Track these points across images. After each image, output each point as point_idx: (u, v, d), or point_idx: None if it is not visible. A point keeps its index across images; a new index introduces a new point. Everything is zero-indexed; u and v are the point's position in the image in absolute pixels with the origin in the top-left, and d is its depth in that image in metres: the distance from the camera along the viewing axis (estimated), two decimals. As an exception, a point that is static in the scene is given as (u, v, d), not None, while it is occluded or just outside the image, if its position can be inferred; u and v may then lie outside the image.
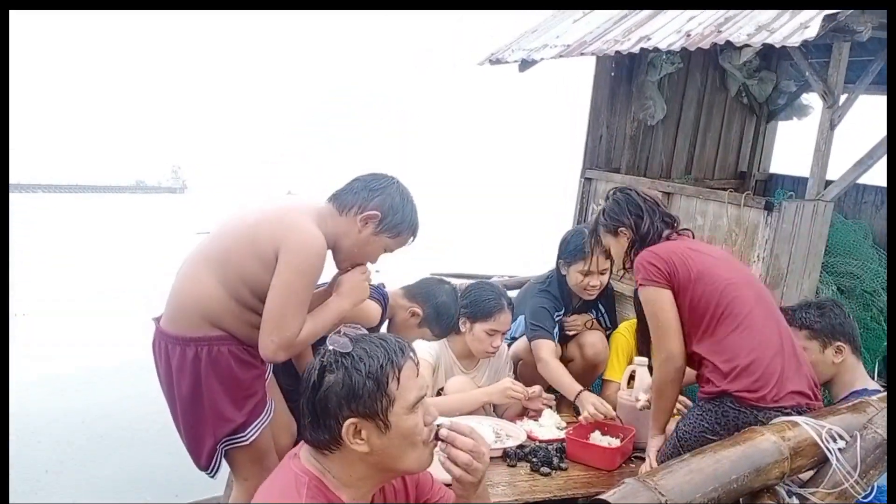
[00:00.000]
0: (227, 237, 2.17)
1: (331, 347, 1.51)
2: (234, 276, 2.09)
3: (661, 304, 2.47)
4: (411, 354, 1.55)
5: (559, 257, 3.62)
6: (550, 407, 3.25)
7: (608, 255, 3.50)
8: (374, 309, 2.74)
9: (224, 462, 2.26)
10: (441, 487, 1.79)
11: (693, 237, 2.72)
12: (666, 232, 2.62)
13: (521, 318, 3.64)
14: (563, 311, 3.62)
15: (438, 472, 1.70)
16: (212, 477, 2.30)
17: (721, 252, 2.72)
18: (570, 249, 3.55)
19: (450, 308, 2.98)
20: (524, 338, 3.55)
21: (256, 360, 2.22)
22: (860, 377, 2.71)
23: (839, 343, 2.70)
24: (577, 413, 3.18)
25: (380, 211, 2.19)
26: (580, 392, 3.19)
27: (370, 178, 2.26)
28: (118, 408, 5.13)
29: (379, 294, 2.83)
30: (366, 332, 1.59)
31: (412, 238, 2.32)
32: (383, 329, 2.96)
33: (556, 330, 3.55)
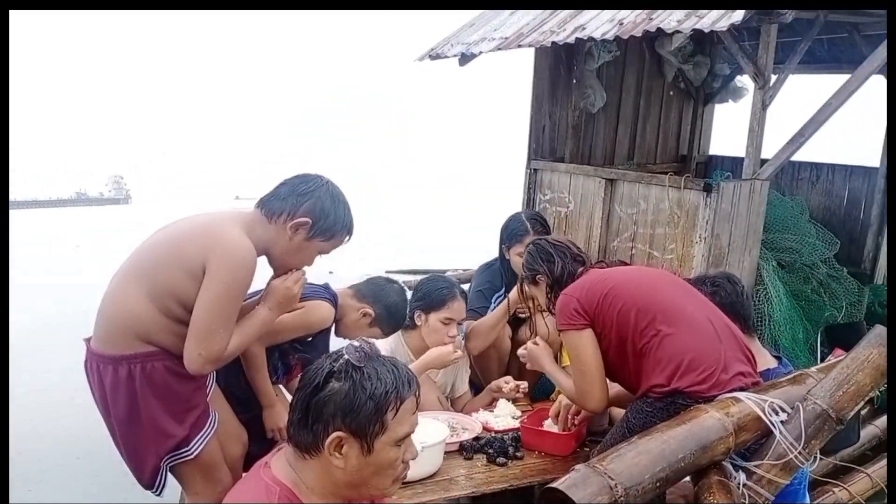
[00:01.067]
0: (154, 251, 2.13)
1: (346, 357, 1.50)
2: (162, 290, 2.05)
3: (581, 346, 2.54)
4: (416, 392, 1.54)
5: (501, 243, 3.74)
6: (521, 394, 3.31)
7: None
8: (326, 310, 2.73)
9: (169, 479, 2.21)
10: None
11: (608, 266, 2.83)
12: (579, 270, 2.74)
13: None
14: (507, 292, 3.67)
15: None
16: (157, 495, 2.25)
17: (631, 268, 2.92)
18: (509, 234, 3.68)
19: (400, 307, 2.99)
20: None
21: (189, 374, 2.17)
22: (759, 356, 2.71)
23: None
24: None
25: (310, 217, 2.15)
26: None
27: (298, 181, 2.21)
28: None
29: (329, 295, 2.81)
30: (379, 351, 1.57)
31: (348, 237, 2.29)
32: (332, 330, 2.94)
33: (494, 308, 3.61)
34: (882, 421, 4.36)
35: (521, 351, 2.98)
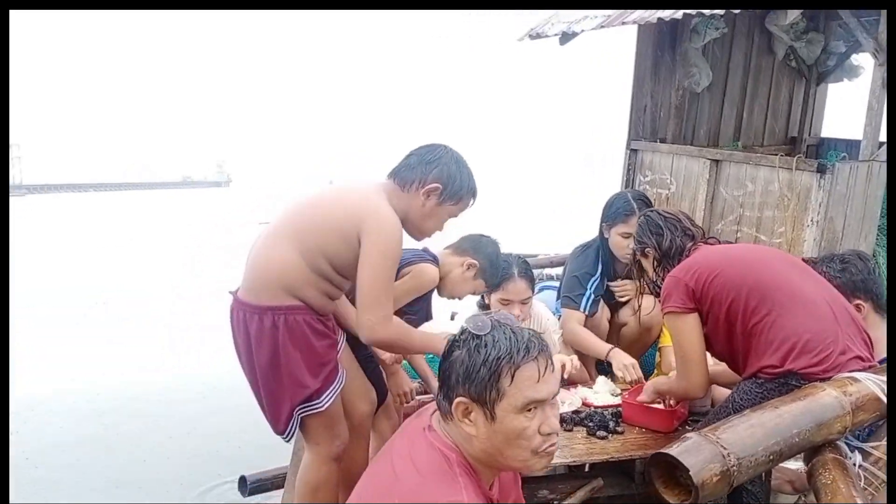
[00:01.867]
0: (308, 213, 2.28)
1: (467, 326, 1.56)
2: (314, 248, 2.21)
3: (686, 331, 2.51)
4: (538, 356, 1.52)
5: (602, 220, 3.64)
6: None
7: None
8: (432, 271, 2.84)
9: (296, 428, 2.35)
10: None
11: (719, 243, 2.75)
12: (688, 245, 2.68)
13: None
14: (604, 276, 3.63)
15: None
16: (287, 441, 2.40)
17: (742, 246, 2.84)
18: (613, 211, 3.57)
19: (499, 257, 3.08)
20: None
21: (329, 330, 2.33)
22: (883, 337, 2.58)
23: (858, 301, 2.65)
24: (606, 373, 3.26)
25: (440, 182, 2.29)
26: (611, 349, 3.27)
27: (424, 151, 2.35)
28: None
29: (430, 255, 2.90)
30: (514, 319, 1.61)
31: (473, 200, 2.41)
32: (435, 291, 3.03)
33: (590, 294, 3.56)
34: None
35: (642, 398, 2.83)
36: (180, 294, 8.48)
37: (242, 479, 3.02)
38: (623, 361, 3.19)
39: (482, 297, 3.34)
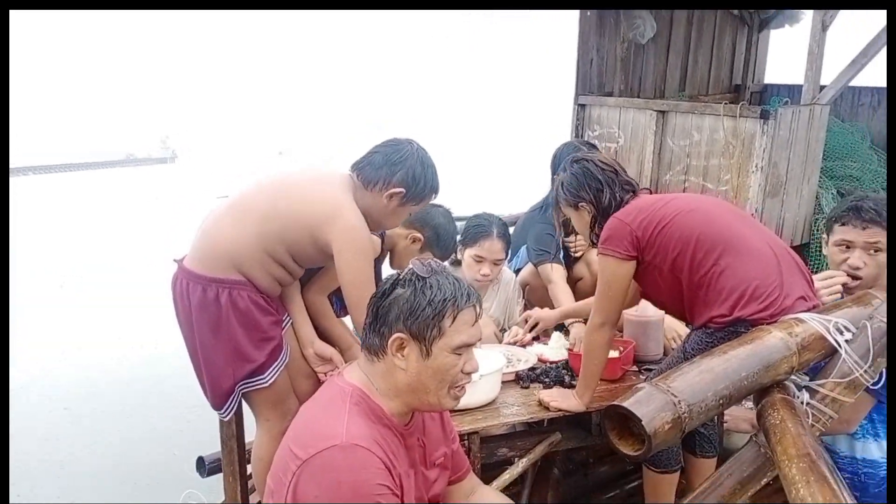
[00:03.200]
0: (273, 199, 2.23)
1: (411, 267, 1.62)
2: (274, 233, 2.18)
3: (619, 276, 2.46)
4: (475, 304, 1.64)
5: (553, 172, 3.61)
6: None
7: None
8: (375, 242, 2.76)
9: (238, 405, 2.31)
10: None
11: (651, 194, 2.68)
12: (627, 198, 2.58)
13: (523, 249, 3.66)
14: (561, 233, 3.63)
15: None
16: (224, 419, 2.36)
17: (683, 196, 2.66)
18: (561, 161, 3.52)
19: (448, 229, 3.02)
20: (529, 265, 3.58)
21: (272, 308, 2.28)
22: None
23: None
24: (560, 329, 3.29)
25: (404, 187, 2.28)
26: (574, 322, 3.25)
27: (390, 150, 2.32)
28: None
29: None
30: (447, 267, 1.71)
31: (434, 196, 2.42)
32: (385, 262, 2.98)
33: (561, 253, 3.56)
34: None
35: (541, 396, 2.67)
36: (134, 273, 8.27)
37: (200, 460, 2.96)
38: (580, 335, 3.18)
39: (455, 252, 3.29)
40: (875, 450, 2.59)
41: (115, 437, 4.23)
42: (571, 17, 5.16)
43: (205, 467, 2.94)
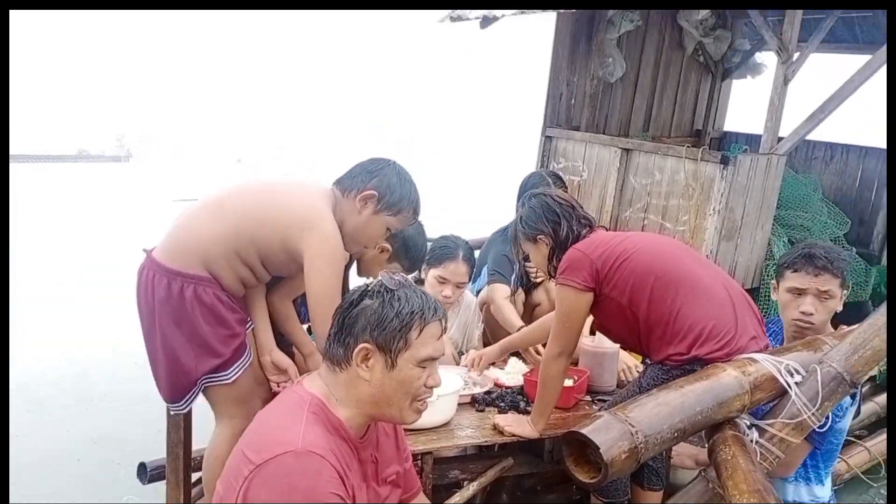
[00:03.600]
0: (251, 203, 2.22)
1: (381, 279, 1.65)
2: (246, 236, 2.17)
3: (576, 308, 2.48)
4: (441, 318, 1.67)
5: (518, 199, 3.66)
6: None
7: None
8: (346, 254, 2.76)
9: (194, 399, 2.26)
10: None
11: (607, 231, 2.72)
12: (584, 232, 2.61)
13: (485, 269, 3.70)
14: (520, 260, 3.68)
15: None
16: (182, 411, 2.30)
17: (642, 234, 2.76)
18: (529, 189, 3.58)
19: (417, 241, 3.02)
20: (488, 285, 3.63)
21: (237, 306, 2.25)
22: None
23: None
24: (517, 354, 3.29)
25: (377, 190, 2.26)
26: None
27: (368, 162, 2.33)
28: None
29: None
30: (412, 282, 1.73)
31: (414, 215, 2.40)
32: (353, 269, 2.97)
33: (517, 277, 3.60)
34: (882, 398, 4.42)
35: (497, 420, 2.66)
36: (89, 272, 8.02)
37: (142, 466, 2.88)
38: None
39: (419, 271, 3.31)
40: (805, 494, 2.68)
41: (60, 436, 4.08)
42: (547, 45, 5.26)
43: (146, 473, 2.86)
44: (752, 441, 2.14)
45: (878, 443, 3.95)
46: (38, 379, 4.81)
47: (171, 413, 2.37)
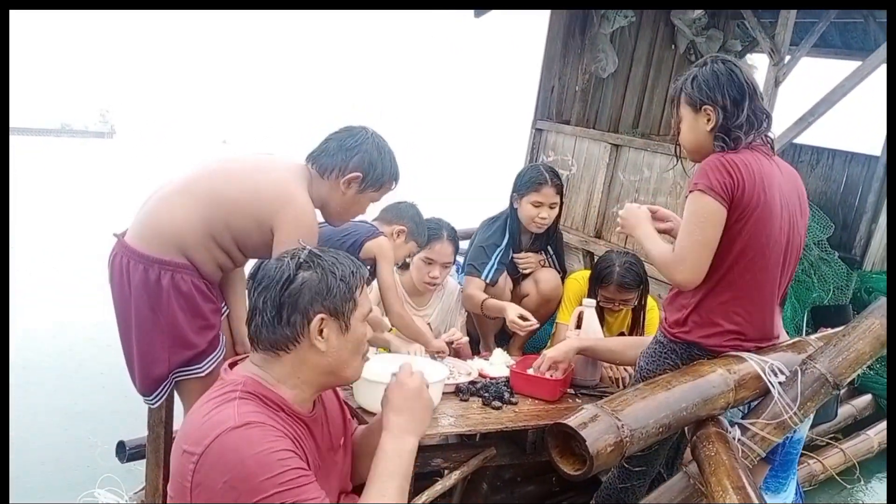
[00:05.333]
0: (223, 185, 2.16)
1: (300, 249, 1.60)
2: (220, 219, 2.12)
3: (712, 219, 2.15)
4: (363, 272, 1.68)
5: (513, 190, 3.67)
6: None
7: (560, 192, 3.59)
8: (388, 242, 2.90)
9: (166, 393, 2.22)
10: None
11: (773, 148, 2.32)
12: (758, 129, 2.22)
13: None
14: (510, 247, 3.68)
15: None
16: (152, 406, 2.26)
17: (787, 190, 2.29)
18: (525, 181, 3.61)
19: (421, 218, 3.13)
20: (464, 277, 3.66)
21: (213, 295, 2.20)
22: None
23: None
24: (503, 345, 3.34)
25: (360, 171, 2.22)
26: (507, 305, 3.35)
27: (344, 135, 2.27)
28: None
29: (376, 228, 2.90)
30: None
31: (395, 184, 2.37)
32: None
33: (494, 264, 3.61)
34: (858, 401, 4.49)
35: (620, 212, 2.53)
36: (68, 249, 7.92)
37: (121, 445, 2.85)
38: (517, 312, 3.28)
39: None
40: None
41: (37, 412, 4.03)
42: (540, 39, 5.25)
43: (125, 452, 2.83)
44: (734, 438, 2.16)
45: (853, 445, 4.01)
46: (20, 354, 4.76)
47: (148, 405, 2.32)
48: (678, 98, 2.36)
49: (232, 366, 1.65)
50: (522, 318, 3.25)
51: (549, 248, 3.84)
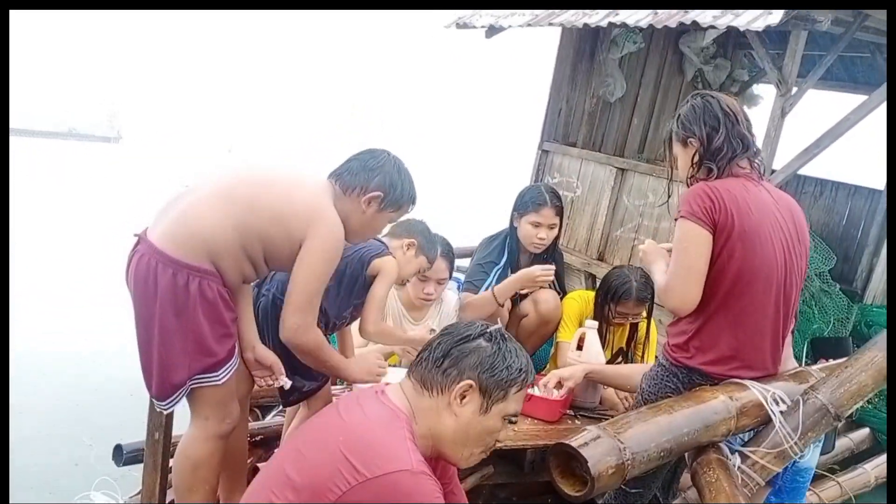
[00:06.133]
0: (257, 194, 2.17)
1: (498, 327, 1.72)
2: (252, 229, 2.13)
3: (697, 244, 2.21)
4: (529, 379, 1.74)
5: (514, 209, 3.68)
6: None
7: (560, 214, 3.61)
8: (394, 262, 2.84)
9: (181, 399, 2.20)
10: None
11: (762, 174, 2.41)
12: (739, 154, 2.30)
13: None
14: (509, 265, 3.68)
15: None
16: (165, 411, 2.25)
17: (780, 215, 2.34)
18: (525, 200, 3.62)
19: (431, 234, 3.12)
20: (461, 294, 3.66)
21: (233, 304, 2.19)
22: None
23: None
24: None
25: (381, 191, 2.27)
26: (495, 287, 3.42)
27: (366, 156, 2.33)
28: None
29: (385, 246, 2.90)
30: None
31: (412, 207, 2.41)
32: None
33: (493, 282, 3.61)
34: (856, 434, 4.48)
35: (641, 246, 2.62)
36: (71, 253, 7.92)
37: (118, 448, 2.84)
38: (536, 267, 3.38)
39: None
40: None
41: (36, 413, 4.03)
42: (549, 61, 5.30)
43: (122, 456, 2.82)
44: (734, 466, 2.16)
45: (851, 478, 4.00)
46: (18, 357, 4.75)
47: (160, 409, 2.31)
48: (670, 139, 2.49)
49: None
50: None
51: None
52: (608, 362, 3.24)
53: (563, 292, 3.89)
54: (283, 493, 1.59)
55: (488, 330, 1.68)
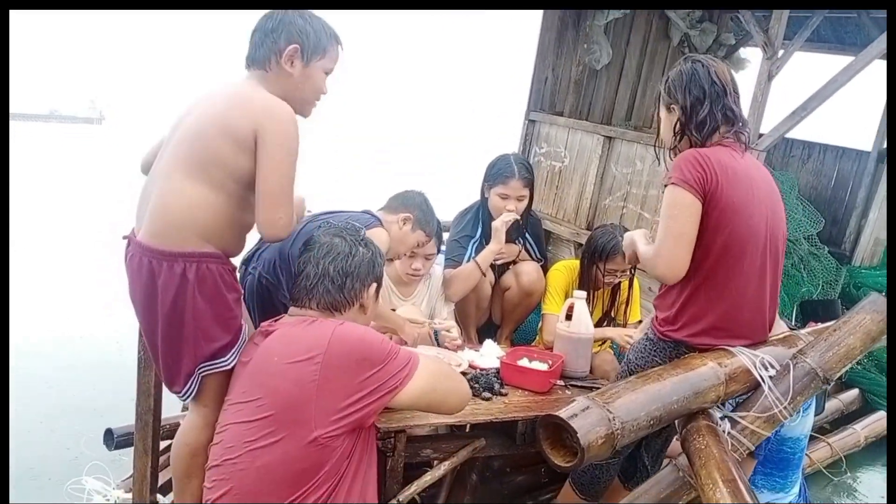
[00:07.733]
0: (196, 133, 2.03)
1: (364, 231, 2.22)
2: (219, 172, 1.99)
3: (687, 211, 2.18)
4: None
5: (484, 180, 3.67)
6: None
7: (529, 185, 3.58)
8: (384, 234, 2.81)
9: (196, 388, 2.15)
10: None
11: (747, 147, 2.35)
12: (723, 129, 2.29)
13: None
14: (483, 237, 3.66)
15: None
16: (184, 400, 2.21)
17: (762, 186, 2.34)
18: (493, 172, 3.61)
19: (429, 206, 3.07)
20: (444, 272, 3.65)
21: (235, 283, 2.14)
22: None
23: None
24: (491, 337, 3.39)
25: (296, 42, 2.09)
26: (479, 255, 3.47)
27: (263, 21, 2.14)
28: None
29: (376, 218, 2.86)
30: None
31: (340, 46, 2.22)
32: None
33: (472, 255, 3.60)
34: (846, 395, 4.52)
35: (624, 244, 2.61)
36: (60, 239, 7.82)
37: (108, 432, 2.83)
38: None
39: None
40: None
41: (28, 402, 4.00)
42: (535, 30, 5.23)
43: (113, 440, 2.81)
44: (724, 431, 2.17)
45: (840, 439, 4.04)
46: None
47: (183, 402, 2.28)
48: (658, 99, 2.46)
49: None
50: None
51: (526, 235, 3.84)
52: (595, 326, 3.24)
53: (543, 259, 3.89)
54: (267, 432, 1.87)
55: (360, 238, 2.18)
